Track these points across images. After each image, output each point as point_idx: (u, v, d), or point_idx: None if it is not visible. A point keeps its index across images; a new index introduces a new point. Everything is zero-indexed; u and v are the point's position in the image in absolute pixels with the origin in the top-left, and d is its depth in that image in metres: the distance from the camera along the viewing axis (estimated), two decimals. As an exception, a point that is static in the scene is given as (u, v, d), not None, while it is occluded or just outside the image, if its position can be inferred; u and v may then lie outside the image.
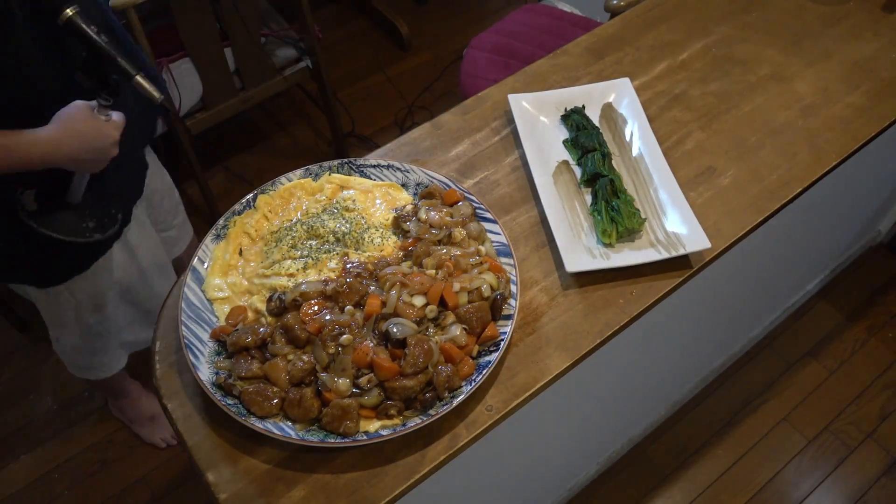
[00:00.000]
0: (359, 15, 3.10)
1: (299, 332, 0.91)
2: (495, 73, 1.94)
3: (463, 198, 1.05)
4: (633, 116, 1.19)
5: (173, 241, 1.75)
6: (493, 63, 1.97)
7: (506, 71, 1.92)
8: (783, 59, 1.31)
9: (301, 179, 1.11)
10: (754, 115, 1.23)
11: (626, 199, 1.07)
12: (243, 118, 2.73)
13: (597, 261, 1.03)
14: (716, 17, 1.39)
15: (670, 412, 2.01)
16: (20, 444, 1.99)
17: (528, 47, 1.98)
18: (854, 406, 2.03)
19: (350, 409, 0.86)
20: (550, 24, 2.04)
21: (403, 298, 0.93)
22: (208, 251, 1.02)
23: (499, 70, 1.95)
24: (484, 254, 0.99)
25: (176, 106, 2.04)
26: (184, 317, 0.95)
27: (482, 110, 1.24)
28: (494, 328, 0.93)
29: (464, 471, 1.13)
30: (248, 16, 2.00)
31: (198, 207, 2.51)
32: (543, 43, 1.98)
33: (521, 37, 2.01)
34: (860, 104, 1.24)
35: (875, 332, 2.17)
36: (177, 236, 1.76)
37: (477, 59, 1.98)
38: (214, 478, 0.86)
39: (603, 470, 1.92)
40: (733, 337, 2.03)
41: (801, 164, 1.16)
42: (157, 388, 0.94)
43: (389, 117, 2.75)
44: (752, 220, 1.09)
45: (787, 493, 1.89)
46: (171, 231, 1.73)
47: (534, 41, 1.99)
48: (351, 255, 1.02)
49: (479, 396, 0.92)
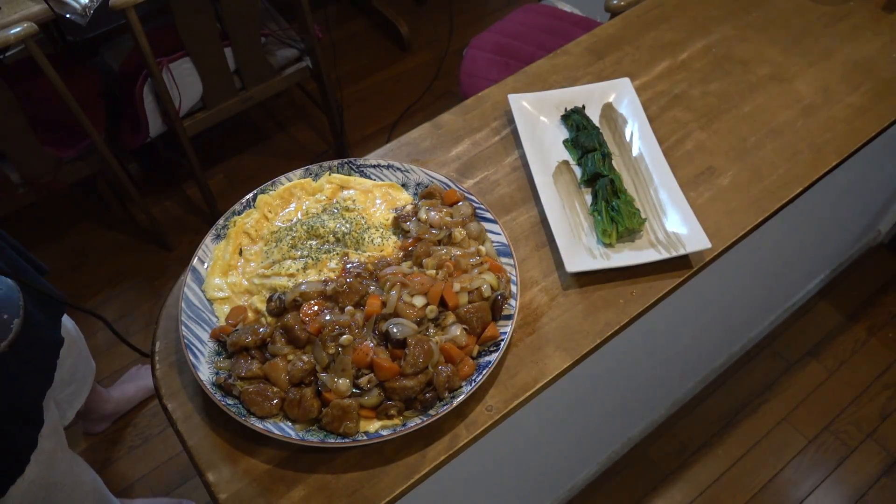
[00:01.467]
0: (359, 15, 3.10)
1: (299, 332, 0.91)
2: (495, 73, 1.94)
3: (463, 198, 1.05)
4: (634, 116, 1.19)
5: (69, 398, 1.58)
6: (493, 63, 1.97)
7: (506, 71, 1.92)
8: (783, 59, 1.31)
9: (301, 179, 1.11)
10: (754, 115, 1.23)
11: (626, 199, 1.07)
12: (243, 118, 2.73)
13: (597, 261, 1.02)
14: (716, 17, 1.39)
15: (670, 412, 2.01)
16: (20, 444, 1.99)
17: (528, 47, 1.98)
18: (854, 406, 2.03)
19: (350, 410, 0.86)
20: (551, 24, 2.04)
21: (403, 298, 0.93)
22: (208, 251, 1.02)
23: (499, 70, 1.95)
24: (484, 254, 0.99)
25: (176, 106, 2.04)
26: (184, 317, 0.95)
27: (482, 110, 1.24)
28: (495, 328, 0.93)
29: (464, 471, 1.13)
30: (248, 16, 2.00)
31: (198, 207, 2.51)
32: (543, 43, 1.98)
33: (522, 37, 2.01)
34: (860, 104, 1.24)
35: (875, 332, 2.17)
36: (74, 392, 1.59)
37: (477, 59, 1.98)
38: (214, 478, 0.86)
39: (603, 470, 1.92)
40: (733, 337, 2.03)
41: (801, 164, 1.16)
42: (158, 387, 0.94)
43: (389, 117, 2.75)
44: (752, 220, 1.09)
45: (787, 493, 1.89)
46: (69, 388, 1.56)
47: (534, 41, 1.99)
48: (351, 255, 1.02)
49: (479, 396, 0.92)
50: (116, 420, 2.03)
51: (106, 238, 2.44)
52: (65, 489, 1.31)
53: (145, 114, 2.04)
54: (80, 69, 2.13)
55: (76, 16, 1.67)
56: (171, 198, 2.54)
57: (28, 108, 1.84)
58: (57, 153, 1.97)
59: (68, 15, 1.68)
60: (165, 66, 1.96)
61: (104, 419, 1.99)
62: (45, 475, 1.23)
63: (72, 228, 2.47)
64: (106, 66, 2.24)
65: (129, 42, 2.22)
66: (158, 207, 2.51)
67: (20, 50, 2.13)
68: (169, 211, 2.50)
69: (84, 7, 1.66)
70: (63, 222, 2.49)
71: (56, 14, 1.70)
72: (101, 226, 2.48)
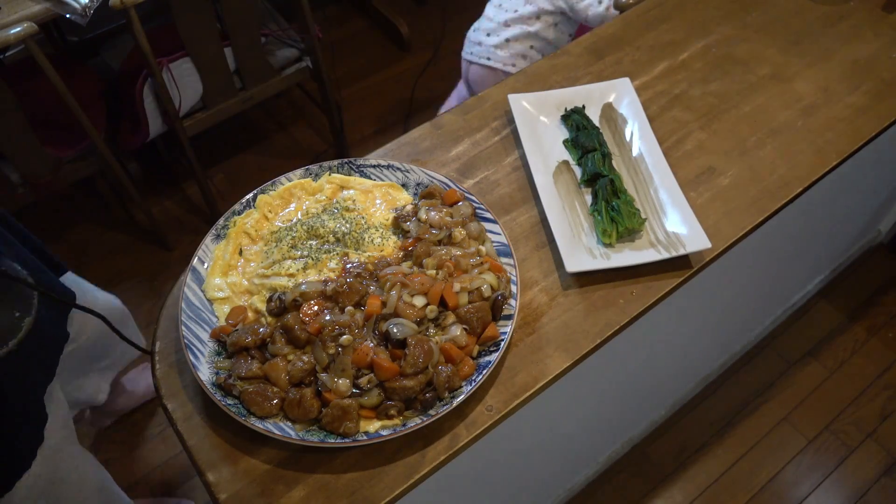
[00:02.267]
0: (359, 15, 3.10)
1: (299, 332, 0.91)
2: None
3: (463, 198, 1.05)
4: (633, 116, 1.19)
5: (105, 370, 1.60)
6: None
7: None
8: (783, 59, 1.31)
9: (301, 179, 1.11)
10: (754, 115, 1.23)
11: (626, 199, 1.07)
12: (243, 118, 2.73)
13: (597, 261, 1.02)
14: (716, 17, 1.39)
15: (670, 412, 2.01)
16: (20, 444, 1.99)
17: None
18: (854, 406, 2.03)
19: (350, 410, 0.86)
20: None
21: (404, 299, 0.93)
22: (208, 251, 1.02)
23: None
24: (484, 254, 0.99)
25: (176, 106, 2.04)
26: (184, 317, 0.95)
27: (482, 110, 1.24)
28: (494, 328, 0.93)
29: (464, 471, 1.13)
30: (248, 16, 2.00)
31: (198, 207, 2.51)
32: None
33: None
34: (860, 104, 1.24)
35: (875, 332, 2.17)
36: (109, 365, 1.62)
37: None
38: (214, 478, 0.86)
39: (603, 470, 1.92)
40: (733, 337, 2.03)
41: (801, 164, 1.16)
42: (157, 387, 0.94)
43: (389, 117, 2.75)
44: (752, 220, 1.09)
45: (787, 493, 1.89)
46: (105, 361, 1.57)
47: None
48: (351, 255, 1.02)
49: (479, 396, 0.92)
50: (121, 418, 2.03)
51: (106, 238, 2.44)
52: (71, 484, 1.31)
53: (145, 114, 2.04)
54: (80, 69, 2.13)
55: (76, 16, 1.67)
56: (171, 198, 2.54)
57: (28, 108, 1.83)
58: (57, 153, 1.97)
59: (68, 15, 1.68)
60: (165, 66, 1.96)
61: (113, 413, 1.99)
62: (51, 470, 1.24)
63: (72, 228, 2.47)
64: (106, 66, 2.24)
65: (129, 42, 2.22)
66: (158, 207, 2.51)
67: (20, 50, 2.13)
68: (169, 211, 2.51)
69: (84, 7, 1.66)
70: (63, 222, 2.49)
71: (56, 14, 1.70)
72: (101, 226, 2.48)
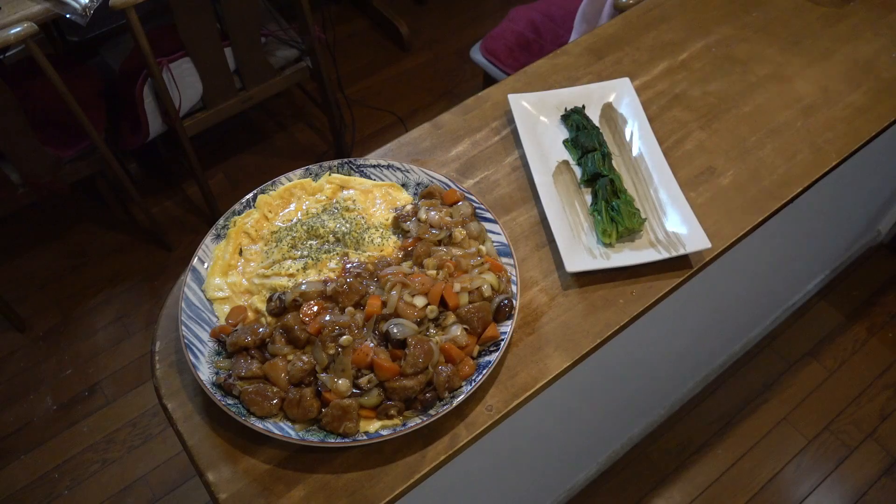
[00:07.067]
0: (359, 15, 3.10)
1: (299, 332, 0.91)
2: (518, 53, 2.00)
3: (463, 198, 1.05)
4: (633, 116, 1.19)
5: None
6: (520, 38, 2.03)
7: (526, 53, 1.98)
8: (783, 59, 1.31)
9: (301, 179, 1.11)
10: (754, 115, 1.23)
11: (626, 199, 1.07)
12: (243, 118, 2.73)
13: (597, 261, 1.02)
14: (716, 17, 1.39)
15: (670, 412, 2.01)
16: (20, 444, 1.99)
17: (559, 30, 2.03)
18: (854, 406, 2.03)
19: (350, 410, 0.86)
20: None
21: (404, 299, 0.93)
22: (208, 251, 1.02)
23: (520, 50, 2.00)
24: (484, 254, 0.99)
25: (176, 106, 2.04)
26: (184, 317, 0.95)
27: (482, 110, 1.24)
28: (495, 328, 0.93)
29: (464, 471, 1.13)
30: (248, 16, 2.00)
31: (198, 207, 2.51)
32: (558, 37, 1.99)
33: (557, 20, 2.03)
34: (860, 104, 1.24)
35: (875, 332, 2.17)
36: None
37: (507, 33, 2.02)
38: (214, 478, 0.86)
39: (603, 470, 1.92)
40: (733, 337, 2.03)
41: (801, 164, 1.16)
42: (157, 387, 0.94)
43: (389, 117, 2.75)
44: (752, 220, 1.09)
45: (787, 493, 1.89)
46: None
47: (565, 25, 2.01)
48: (351, 255, 1.02)
49: (479, 396, 0.92)
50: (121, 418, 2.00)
51: (106, 238, 2.44)
52: None
53: (145, 114, 2.04)
54: (80, 69, 2.13)
55: (76, 16, 1.67)
56: (171, 198, 2.54)
57: (28, 108, 1.84)
58: (57, 153, 1.97)
59: (68, 15, 1.68)
60: (165, 66, 1.96)
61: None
62: None
63: (72, 228, 2.47)
64: (106, 66, 2.24)
65: (129, 42, 2.22)
66: (158, 207, 2.51)
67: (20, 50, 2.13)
68: (169, 211, 2.51)
69: (84, 7, 1.66)
70: (63, 222, 2.49)
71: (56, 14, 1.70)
72: (101, 226, 2.48)
